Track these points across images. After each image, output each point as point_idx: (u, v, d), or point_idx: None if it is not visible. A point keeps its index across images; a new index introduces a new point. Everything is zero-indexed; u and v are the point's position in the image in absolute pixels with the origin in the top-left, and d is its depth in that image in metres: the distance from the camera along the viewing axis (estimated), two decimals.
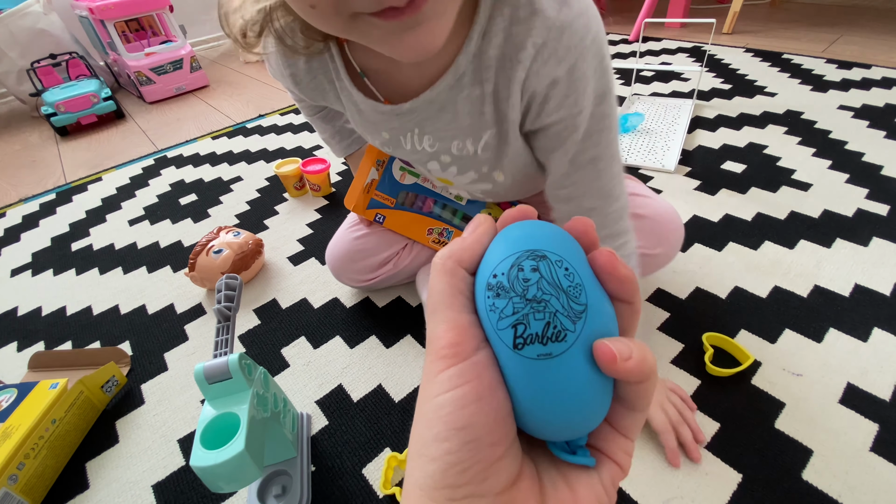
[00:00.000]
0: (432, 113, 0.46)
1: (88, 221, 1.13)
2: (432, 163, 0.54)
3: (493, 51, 0.40)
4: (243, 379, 0.44)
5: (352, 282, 0.76)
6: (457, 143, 0.49)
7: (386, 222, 0.71)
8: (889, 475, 0.49)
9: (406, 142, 0.52)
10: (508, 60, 0.40)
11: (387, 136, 0.52)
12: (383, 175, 0.69)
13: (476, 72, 0.42)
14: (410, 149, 0.53)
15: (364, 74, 0.47)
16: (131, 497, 0.56)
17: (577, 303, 0.15)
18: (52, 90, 1.65)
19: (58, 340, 0.79)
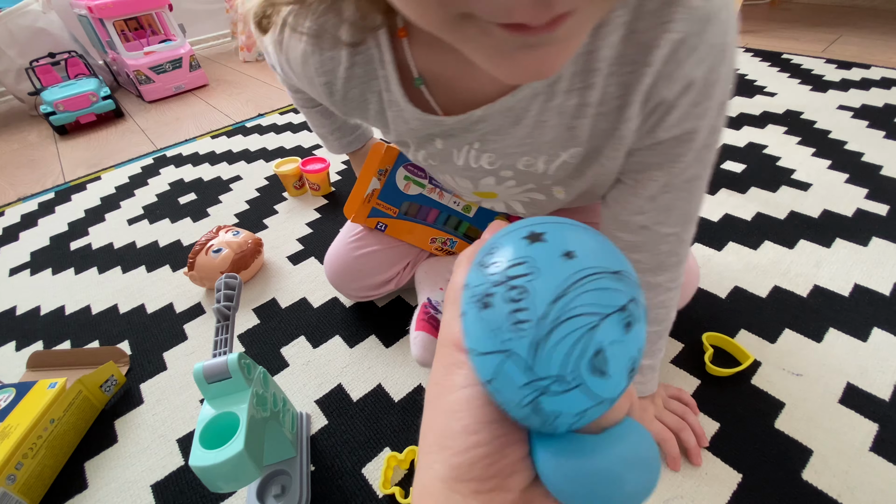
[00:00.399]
0: (504, 125, 0.39)
1: (87, 220, 1.12)
2: (487, 178, 0.47)
3: (606, 50, 0.33)
4: (242, 378, 0.44)
5: (351, 297, 0.74)
6: (526, 159, 0.42)
7: (388, 230, 0.69)
8: (889, 475, 0.49)
9: (459, 156, 0.45)
10: (630, 63, 0.33)
11: (440, 147, 0.45)
12: (386, 184, 0.65)
13: (578, 76, 0.35)
14: (463, 164, 0.46)
15: (422, 81, 0.39)
16: (130, 497, 0.56)
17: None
18: (50, 89, 1.64)
19: (56, 340, 0.79)
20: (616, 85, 0.34)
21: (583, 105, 0.36)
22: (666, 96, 0.34)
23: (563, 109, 0.37)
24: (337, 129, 0.69)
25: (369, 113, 0.44)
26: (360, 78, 0.41)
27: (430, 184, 0.66)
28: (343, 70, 0.41)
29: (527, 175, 0.45)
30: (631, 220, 0.43)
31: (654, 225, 0.42)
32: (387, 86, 0.40)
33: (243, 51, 2.21)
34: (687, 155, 0.38)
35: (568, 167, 0.42)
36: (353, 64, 0.40)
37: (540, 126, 0.38)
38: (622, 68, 0.33)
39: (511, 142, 0.40)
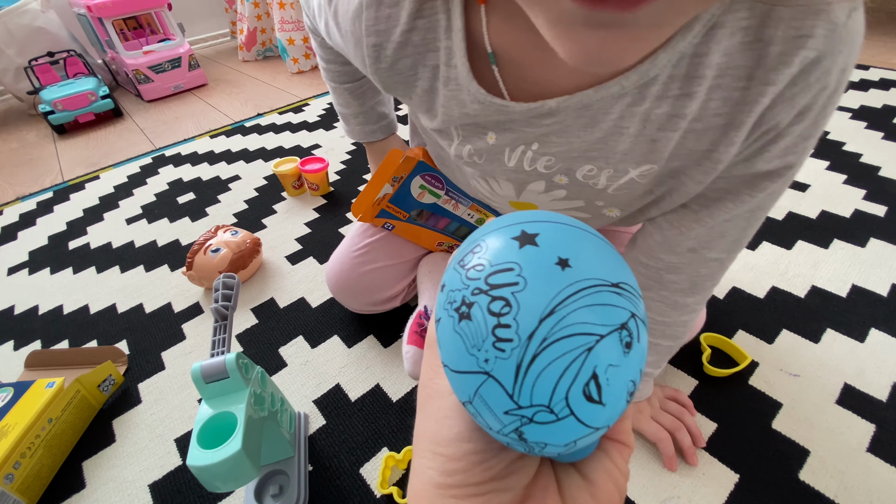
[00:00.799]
0: (575, 125, 0.34)
1: (86, 220, 1.12)
2: (537, 184, 0.41)
3: (717, 57, 0.28)
4: (240, 378, 0.44)
5: (354, 310, 0.73)
6: (589, 168, 0.37)
7: (395, 230, 0.68)
8: (885, 475, 0.49)
9: (511, 156, 0.39)
10: (745, 77, 0.28)
11: (491, 141, 0.38)
12: (399, 190, 0.61)
13: (677, 81, 0.29)
14: (514, 166, 0.40)
15: (494, 59, 0.33)
16: (127, 496, 0.56)
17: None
18: (49, 88, 1.64)
19: (54, 339, 0.79)
20: (721, 100, 0.29)
21: (674, 116, 0.31)
22: (780, 122, 0.29)
23: (649, 117, 0.31)
24: (362, 113, 0.63)
25: (415, 90, 0.39)
26: (417, 46, 0.35)
27: (446, 195, 0.62)
28: (399, 33, 0.35)
29: (582, 188, 0.39)
30: (682, 243, 0.40)
31: (702, 248, 0.39)
32: (448, 59, 0.35)
33: (242, 50, 2.21)
34: (771, 188, 0.34)
35: (634, 188, 0.37)
36: (413, 28, 0.34)
37: (617, 133, 0.33)
38: (734, 82, 0.28)
39: (578, 146, 0.35)
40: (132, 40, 1.92)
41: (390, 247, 0.69)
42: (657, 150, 0.33)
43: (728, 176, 0.34)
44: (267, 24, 2.16)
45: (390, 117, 0.68)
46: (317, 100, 1.66)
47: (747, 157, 0.32)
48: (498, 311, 0.12)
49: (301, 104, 1.63)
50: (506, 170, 0.41)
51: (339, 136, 1.36)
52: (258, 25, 2.15)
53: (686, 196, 0.37)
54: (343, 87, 0.60)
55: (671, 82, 0.30)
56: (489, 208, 0.63)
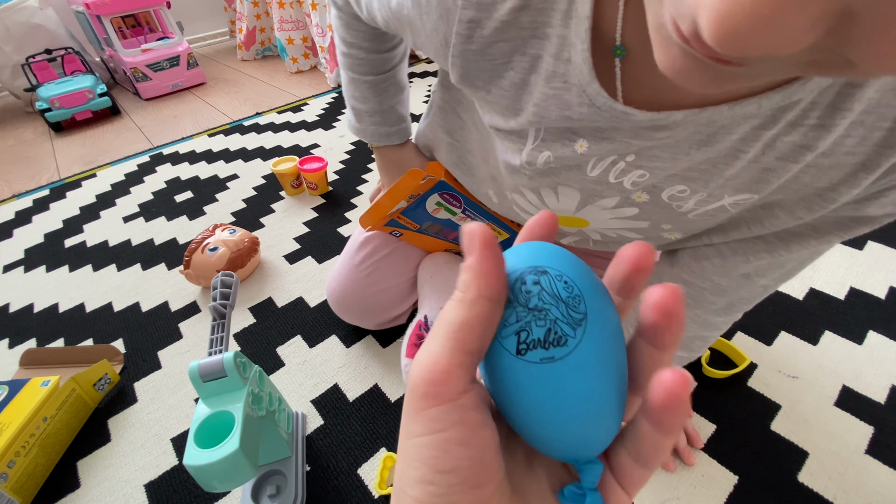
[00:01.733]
0: (689, 142, 0.30)
1: (82, 218, 1.12)
2: (609, 200, 0.37)
3: (871, 92, 0.25)
4: (238, 377, 0.43)
5: (358, 325, 0.71)
6: (681, 188, 0.33)
7: (403, 238, 0.66)
8: (884, 477, 0.49)
9: (596, 167, 0.34)
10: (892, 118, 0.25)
11: (581, 150, 0.33)
12: (414, 204, 0.58)
13: (818, 110, 0.26)
14: (596, 177, 0.35)
15: (621, 53, 0.28)
16: (123, 496, 0.55)
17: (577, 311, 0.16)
18: (46, 85, 1.63)
19: (50, 337, 0.79)
20: (859, 138, 0.26)
21: (803, 147, 0.27)
22: None
23: (773, 144, 0.28)
24: (379, 112, 0.57)
25: (502, 81, 0.33)
26: (523, 29, 0.30)
27: (462, 213, 0.59)
28: (506, 10, 0.29)
29: (660, 210, 0.35)
30: (740, 269, 0.37)
31: (756, 276, 0.38)
32: (559, 51, 0.29)
33: (241, 49, 2.20)
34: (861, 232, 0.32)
35: (720, 215, 0.34)
36: (525, 6, 0.29)
37: (732, 156, 0.29)
38: (880, 121, 0.25)
39: (683, 164, 0.31)
40: (130, 38, 1.91)
41: (395, 265, 0.66)
42: (767, 179, 0.30)
43: (827, 215, 0.32)
44: (266, 24, 2.15)
45: (408, 121, 0.62)
46: (316, 99, 1.65)
47: (861, 199, 0.30)
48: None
49: (300, 103, 1.63)
50: (584, 179, 0.36)
51: (339, 136, 1.36)
52: (257, 25, 2.14)
53: (771, 229, 0.34)
54: (363, 80, 0.54)
55: (811, 109, 0.26)
56: (504, 227, 0.60)
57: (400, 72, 0.57)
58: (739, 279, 0.39)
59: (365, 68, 0.53)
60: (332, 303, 0.69)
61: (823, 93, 0.26)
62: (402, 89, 0.59)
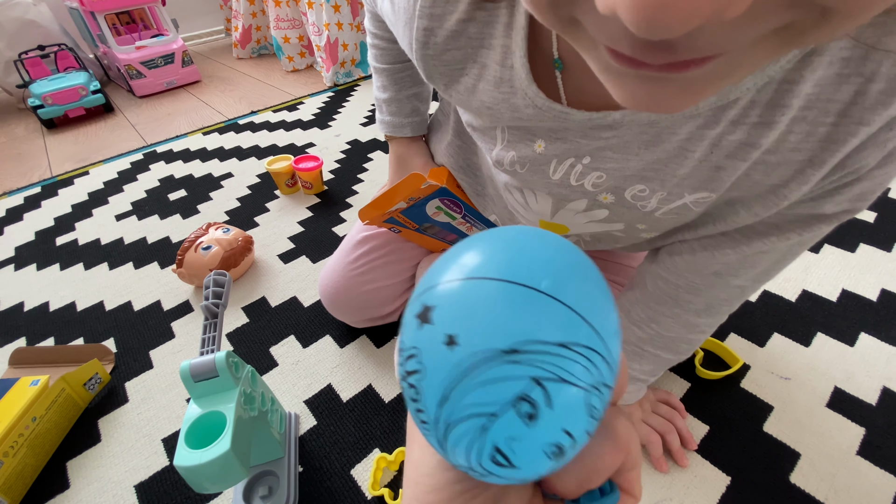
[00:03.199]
0: (636, 141, 0.32)
1: (74, 216, 1.11)
2: (578, 202, 0.39)
3: (809, 87, 0.25)
4: (230, 377, 0.43)
5: (348, 322, 0.71)
6: (641, 188, 0.34)
7: (401, 234, 0.65)
8: (875, 478, 0.49)
9: (558, 169, 0.36)
10: (837, 113, 0.25)
11: (539, 150, 0.36)
12: (413, 206, 0.58)
13: (758, 108, 0.27)
14: (559, 180, 0.37)
15: (559, 66, 0.31)
16: (113, 497, 0.55)
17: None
18: (39, 82, 1.62)
19: (40, 336, 0.78)
20: (803, 134, 0.27)
21: (747, 145, 0.28)
22: (864, 166, 0.27)
23: (719, 143, 0.29)
24: (396, 100, 0.60)
25: (459, 86, 0.36)
26: (471, 39, 0.33)
27: (462, 219, 0.60)
28: (454, 21, 0.32)
29: (627, 210, 0.37)
30: (709, 266, 0.38)
31: (728, 275, 0.38)
32: (503, 59, 0.32)
33: (237, 47, 2.19)
34: (824, 230, 0.32)
35: (685, 214, 0.35)
36: (470, 19, 0.32)
37: (681, 155, 0.31)
38: (822, 116, 0.26)
39: (635, 165, 0.33)
40: (124, 35, 1.90)
41: (390, 266, 0.66)
42: (720, 178, 0.31)
43: (785, 213, 0.33)
44: (262, 22, 2.14)
45: (423, 116, 0.63)
46: (311, 98, 1.65)
47: (816, 197, 0.31)
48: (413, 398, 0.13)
49: (295, 102, 1.62)
50: (549, 183, 0.38)
51: (334, 136, 1.36)
52: (253, 23, 2.13)
53: (733, 225, 0.35)
54: (384, 68, 0.58)
55: (751, 108, 0.27)
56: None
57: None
58: (712, 278, 0.39)
59: (386, 57, 0.57)
60: (323, 297, 0.69)
61: (761, 90, 0.26)
62: (419, 83, 0.60)
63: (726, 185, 0.31)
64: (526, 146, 0.37)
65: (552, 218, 0.44)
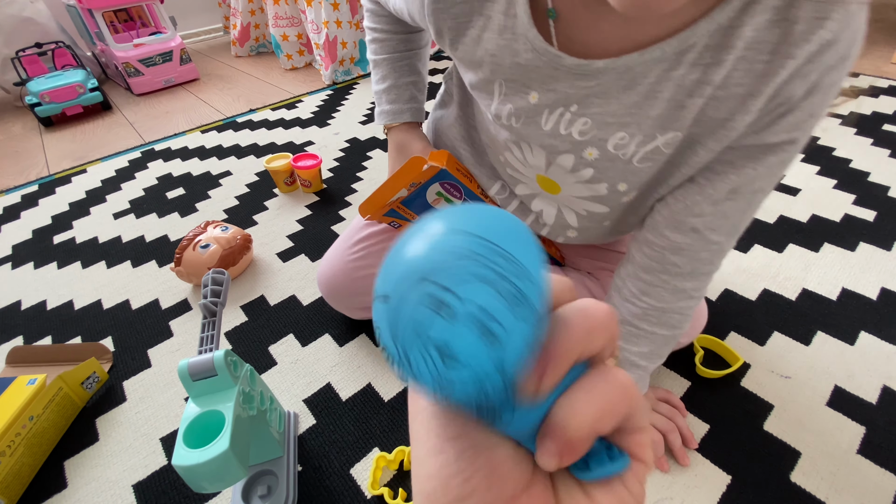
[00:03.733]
0: (615, 87, 0.37)
1: (72, 214, 1.10)
2: (566, 156, 0.44)
3: (749, 31, 0.31)
4: (229, 376, 0.43)
5: (346, 313, 0.71)
6: (621, 135, 0.40)
7: (400, 229, 0.64)
8: (875, 477, 0.49)
9: (548, 119, 0.42)
10: (769, 51, 0.32)
11: (533, 101, 0.41)
12: (414, 194, 0.58)
13: (710, 50, 0.33)
14: (550, 130, 0.42)
15: (553, 15, 0.37)
16: (111, 497, 0.55)
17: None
18: (36, 80, 1.61)
19: (37, 335, 0.77)
20: (744, 71, 0.33)
21: (702, 83, 0.35)
22: (793, 96, 0.33)
23: (682, 83, 0.35)
24: (395, 87, 0.63)
25: (465, 37, 0.41)
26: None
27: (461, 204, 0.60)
28: None
29: (609, 163, 0.42)
30: (686, 220, 0.42)
31: (705, 230, 0.42)
32: (507, 9, 0.38)
33: (235, 45, 2.18)
34: (773, 163, 0.37)
35: (658, 158, 0.40)
36: None
37: (652, 97, 0.37)
38: (758, 55, 0.32)
39: (615, 109, 0.38)
40: (122, 33, 1.89)
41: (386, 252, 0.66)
42: (683, 116, 0.37)
43: (736, 147, 0.38)
44: (261, 20, 2.13)
45: (420, 104, 0.65)
46: (310, 96, 1.64)
47: (758, 129, 0.36)
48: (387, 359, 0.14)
49: (294, 100, 1.62)
50: (541, 134, 0.43)
51: (333, 134, 1.35)
52: (252, 21, 2.12)
53: (696, 166, 0.40)
54: (383, 59, 0.62)
55: (706, 51, 0.33)
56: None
57: (416, 58, 0.64)
58: (692, 235, 0.43)
59: (385, 48, 0.61)
60: (321, 285, 0.69)
61: (712, 35, 0.33)
62: (418, 73, 0.64)
63: (689, 122, 0.37)
64: (521, 98, 0.42)
65: (546, 172, 0.48)
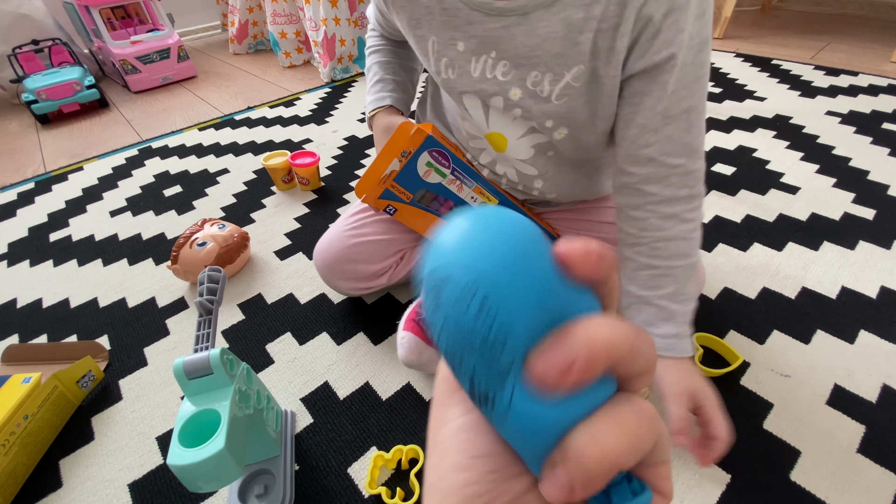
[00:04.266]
0: (518, 30, 0.45)
1: (68, 212, 1.09)
2: (496, 98, 0.51)
3: None
4: (225, 374, 0.42)
5: (341, 290, 0.71)
6: (535, 74, 0.47)
7: (397, 215, 0.65)
8: (875, 476, 0.49)
9: (476, 66, 0.50)
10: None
11: (461, 49, 0.49)
12: (405, 167, 0.61)
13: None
14: (478, 76, 0.50)
15: None
16: (106, 496, 0.54)
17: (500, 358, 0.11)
18: (33, 77, 1.60)
19: (33, 333, 0.77)
20: (616, 4, 0.40)
21: (588, 19, 0.42)
22: (653, 16, 0.40)
23: (570, 22, 0.42)
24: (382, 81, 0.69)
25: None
26: None
27: (451, 174, 0.63)
28: None
29: (532, 100, 0.49)
30: (640, 153, 0.47)
31: (660, 156, 0.47)
32: None
33: (233, 42, 2.17)
34: (670, 80, 0.43)
35: (571, 93, 0.47)
36: None
37: (549, 37, 0.44)
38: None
39: (521, 50, 0.46)
40: (120, 30, 1.88)
41: (381, 223, 0.69)
42: (580, 51, 0.44)
43: (634, 74, 0.44)
44: (259, 17, 2.13)
45: (403, 97, 0.70)
46: (308, 94, 1.64)
47: (641, 53, 0.43)
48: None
49: (292, 98, 1.61)
50: (472, 80, 0.51)
51: (332, 131, 1.35)
52: (250, 18, 2.11)
53: (611, 97, 0.47)
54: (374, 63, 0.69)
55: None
56: (492, 190, 0.64)
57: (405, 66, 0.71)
58: (650, 164, 0.47)
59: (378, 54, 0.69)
60: (316, 259, 0.70)
61: None
62: (405, 76, 0.70)
63: (587, 55, 0.44)
64: (452, 49, 0.50)
65: (489, 127, 0.56)
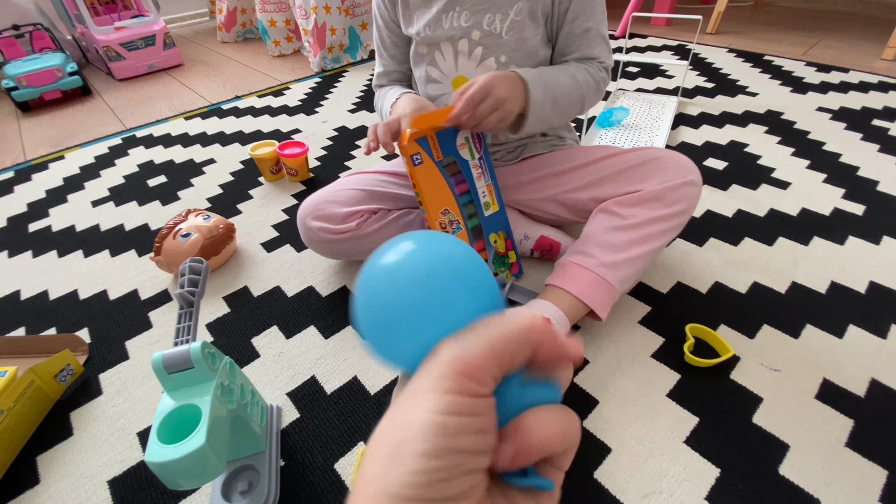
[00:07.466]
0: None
1: (48, 201, 1.06)
2: (463, 41, 0.65)
3: None
4: (206, 368, 0.41)
5: (312, 235, 0.70)
6: (489, 17, 0.62)
7: (420, 167, 0.63)
8: (864, 470, 0.49)
9: (447, 20, 0.65)
10: None
11: (435, 9, 0.65)
12: (449, 129, 0.64)
13: None
14: (448, 27, 0.65)
15: None
16: (85, 492, 0.53)
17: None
18: (14, 63, 1.56)
19: (10, 326, 0.74)
20: None
21: None
22: None
23: None
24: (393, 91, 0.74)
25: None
26: None
27: (477, 161, 0.68)
28: None
29: (489, 38, 0.64)
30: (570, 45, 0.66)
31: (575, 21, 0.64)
32: None
33: (221, 30, 2.13)
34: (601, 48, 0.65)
35: (516, 26, 0.63)
36: None
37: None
38: None
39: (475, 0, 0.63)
40: (103, 15, 1.83)
41: (361, 177, 0.76)
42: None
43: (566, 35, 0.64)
44: (248, 5, 2.08)
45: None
46: (298, 84, 1.61)
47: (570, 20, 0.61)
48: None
49: (281, 87, 1.58)
50: (444, 31, 0.65)
51: (321, 122, 1.32)
52: (238, 5, 2.07)
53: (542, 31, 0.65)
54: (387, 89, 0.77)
55: None
56: (499, 197, 0.71)
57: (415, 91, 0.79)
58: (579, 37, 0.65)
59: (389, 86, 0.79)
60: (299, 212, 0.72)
61: None
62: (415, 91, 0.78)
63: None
64: (428, 12, 0.66)
65: (457, 68, 0.68)
